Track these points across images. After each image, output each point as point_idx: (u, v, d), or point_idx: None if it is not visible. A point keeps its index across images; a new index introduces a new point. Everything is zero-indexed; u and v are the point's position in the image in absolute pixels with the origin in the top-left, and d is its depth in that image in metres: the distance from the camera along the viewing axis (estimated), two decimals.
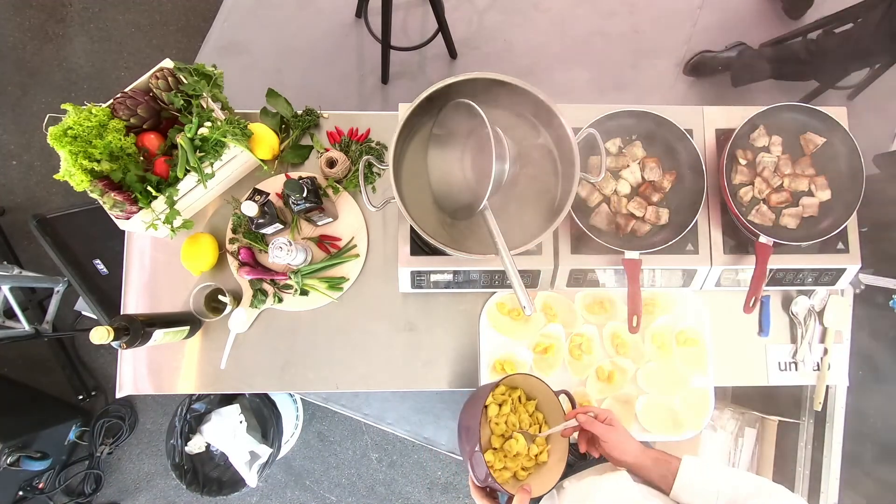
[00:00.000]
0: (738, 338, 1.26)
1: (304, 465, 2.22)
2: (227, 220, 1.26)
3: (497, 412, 0.99)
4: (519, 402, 1.02)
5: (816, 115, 1.14)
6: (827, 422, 1.31)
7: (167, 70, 1.10)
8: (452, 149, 1.00)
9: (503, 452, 0.97)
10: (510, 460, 0.96)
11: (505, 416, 0.99)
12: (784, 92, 2.19)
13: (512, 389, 1.04)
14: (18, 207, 2.26)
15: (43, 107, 2.32)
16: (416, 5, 2.29)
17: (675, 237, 1.09)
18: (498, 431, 0.98)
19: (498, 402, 1.00)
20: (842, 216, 1.11)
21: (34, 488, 1.98)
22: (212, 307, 1.22)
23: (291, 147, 1.28)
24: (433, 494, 2.21)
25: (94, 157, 1.03)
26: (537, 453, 0.97)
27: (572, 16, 2.28)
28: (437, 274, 1.15)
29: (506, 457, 0.96)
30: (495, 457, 0.96)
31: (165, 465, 1.85)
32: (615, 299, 1.24)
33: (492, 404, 1.00)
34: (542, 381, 0.98)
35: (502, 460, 0.96)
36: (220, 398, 1.76)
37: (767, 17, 2.27)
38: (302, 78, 2.23)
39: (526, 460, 0.97)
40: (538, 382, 0.99)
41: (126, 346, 1.00)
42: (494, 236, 0.87)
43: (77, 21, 2.37)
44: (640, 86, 2.25)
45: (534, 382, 1.00)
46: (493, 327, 1.22)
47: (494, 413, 0.99)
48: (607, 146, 1.17)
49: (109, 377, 2.24)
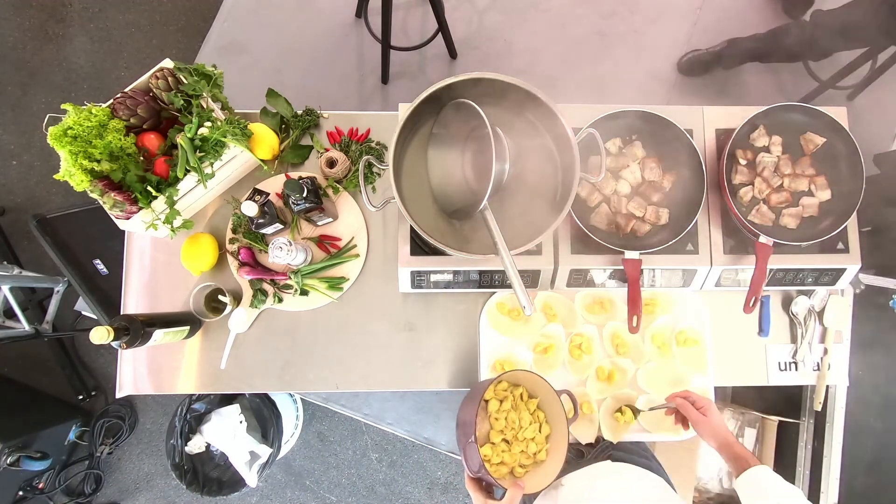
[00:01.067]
0: (738, 338, 1.26)
1: (304, 465, 2.22)
2: (227, 220, 1.26)
3: (498, 408, 1.00)
4: (521, 399, 1.02)
5: (816, 115, 1.14)
6: (827, 422, 1.31)
7: (167, 70, 1.10)
8: (452, 149, 1.00)
9: (502, 447, 0.98)
10: (508, 455, 0.97)
11: (505, 412, 1.00)
12: (784, 92, 2.19)
13: (514, 386, 1.04)
14: (18, 207, 2.26)
15: (43, 107, 2.32)
16: (416, 5, 2.29)
17: (675, 237, 1.09)
18: (498, 427, 0.98)
19: (499, 397, 1.01)
20: (842, 216, 1.11)
21: (34, 488, 1.98)
22: (212, 307, 1.22)
23: (291, 147, 1.28)
24: (433, 494, 2.21)
25: (94, 157, 1.03)
26: (536, 452, 0.98)
27: (572, 16, 2.28)
28: (437, 274, 1.15)
29: (504, 451, 0.97)
30: (493, 451, 0.97)
31: (165, 465, 1.85)
32: (615, 299, 1.24)
33: (493, 399, 1.01)
34: (544, 380, 0.98)
35: (500, 455, 0.97)
36: (220, 398, 1.76)
37: (767, 16, 2.27)
38: (302, 78, 2.23)
39: (524, 458, 0.97)
40: (541, 381, 0.99)
41: (126, 346, 1.00)
42: (494, 236, 0.87)
43: (77, 21, 2.37)
44: (640, 86, 2.25)
45: (536, 381, 1.00)
46: (493, 327, 1.22)
47: (495, 408, 1.00)
48: (607, 146, 1.17)
49: (109, 377, 2.24)
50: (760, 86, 2.20)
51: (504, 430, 0.99)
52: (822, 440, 1.32)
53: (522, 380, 1.03)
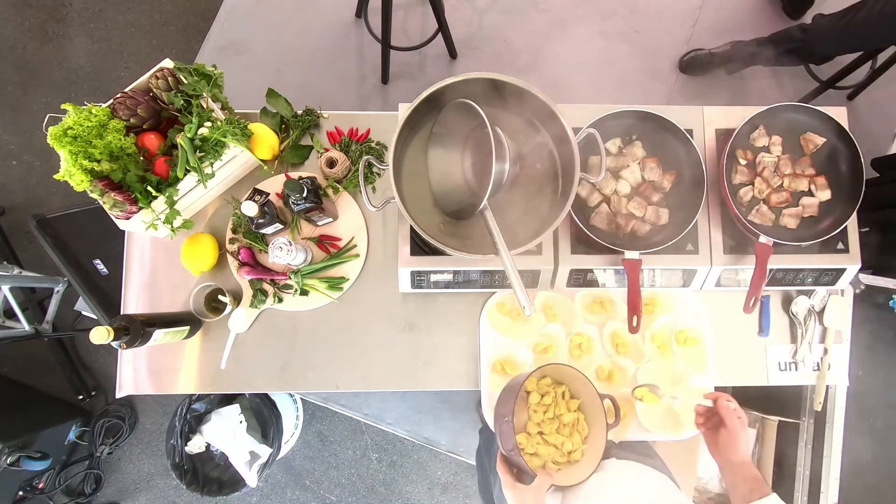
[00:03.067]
0: (738, 338, 1.26)
1: (304, 465, 2.22)
2: (227, 220, 1.26)
3: (539, 400, 1.03)
4: (562, 398, 1.05)
5: (816, 115, 1.14)
6: (827, 422, 1.31)
7: (167, 70, 1.10)
8: (452, 149, 1.00)
9: (537, 439, 1.00)
10: (543, 448, 0.99)
11: (545, 406, 1.03)
12: (784, 92, 2.19)
13: (557, 384, 1.07)
14: (18, 207, 2.26)
15: (43, 107, 2.32)
16: (416, 5, 2.29)
17: (675, 237, 1.09)
18: (536, 419, 1.01)
19: (541, 391, 1.03)
20: (842, 216, 1.11)
21: (34, 488, 1.98)
22: (212, 307, 1.22)
23: (291, 147, 1.28)
24: (433, 494, 2.21)
25: (94, 157, 1.03)
26: (571, 451, 0.99)
27: (572, 16, 2.28)
28: (437, 274, 1.15)
29: (538, 444, 0.99)
30: (528, 441, 1.00)
31: (165, 465, 1.85)
32: (615, 299, 1.24)
33: (534, 392, 1.04)
34: (589, 381, 1.00)
35: (534, 446, 0.99)
36: (220, 398, 1.76)
37: (767, 16, 2.27)
38: (302, 78, 2.23)
39: (558, 455, 0.99)
40: (585, 382, 1.01)
41: (126, 346, 1.00)
42: (494, 236, 0.87)
43: (77, 21, 2.37)
44: (640, 86, 2.25)
45: (581, 381, 1.02)
46: (493, 327, 1.22)
47: (535, 401, 1.03)
48: (607, 146, 1.17)
49: (109, 377, 2.24)
50: (760, 86, 2.20)
51: (541, 423, 1.01)
52: (822, 440, 1.31)
53: (567, 378, 1.05)
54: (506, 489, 0.89)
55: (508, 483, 0.89)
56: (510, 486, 0.88)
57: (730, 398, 0.93)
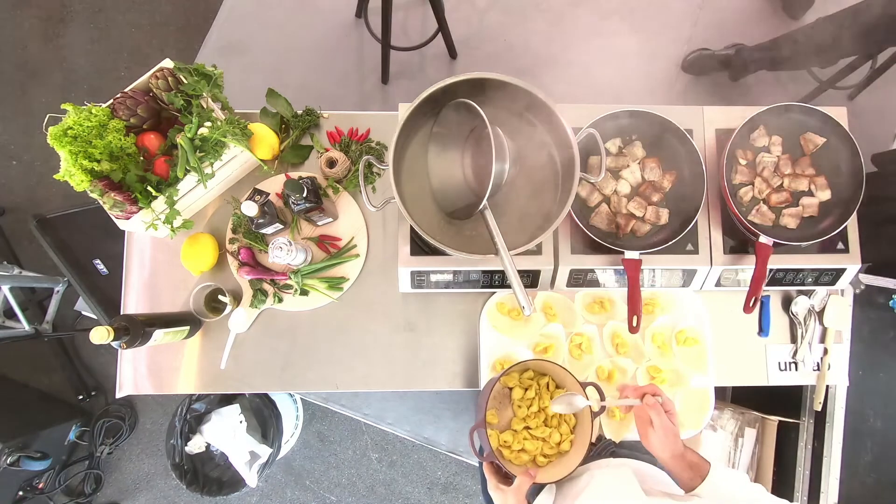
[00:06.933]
0: (738, 338, 1.26)
1: (304, 465, 2.22)
2: (227, 220, 1.26)
3: (522, 395, 1.03)
4: (546, 389, 1.05)
5: (816, 115, 1.14)
6: (827, 422, 1.31)
7: (167, 70, 1.10)
8: (452, 149, 1.00)
9: (524, 434, 1.00)
10: (530, 443, 0.99)
11: (529, 400, 1.02)
12: (784, 92, 2.19)
13: (540, 376, 1.06)
14: (18, 207, 2.26)
15: (43, 107, 2.32)
16: (416, 5, 2.29)
17: (675, 237, 1.09)
18: (521, 414, 1.01)
19: (524, 386, 1.03)
20: (842, 216, 1.11)
21: (34, 488, 1.98)
22: (212, 307, 1.22)
23: (291, 147, 1.28)
24: (433, 494, 2.21)
25: (94, 157, 1.03)
26: (559, 441, 0.98)
27: (572, 16, 2.28)
28: (437, 274, 1.15)
29: (525, 440, 0.99)
30: (514, 438, 0.99)
31: (165, 465, 1.85)
32: (615, 299, 1.24)
33: (517, 387, 1.04)
34: (569, 373, 1.00)
35: (521, 442, 0.99)
36: (220, 398, 1.76)
37: (767, 16, 2.27)
38: (302, 78, 2.23)
39: (547, 448, 0.99)
40: (566, 374, 1.01)
41: (126, 346, 1.00)
42: (494, 236, 0.87)
43: (77, 21, 2.37)
44: (641, 85, 2.24)
45: (562, 373, 1.02)
46: (493, 327, 1.22)
47: (519, 396, 1.03)
48: (607, 146, 1.17)
49: (109, 377, 2.24)
50: (760, 85, 2.20)
51: (527, 417, 1.01)
52: (822, 440, 1.31)
53: (549, 370, 1.05)
54: (491, 490, 0.92)
55: (493, 484, 0.92)
56: (494, 487, 0.91)
57: (657, 390, 0.87)
